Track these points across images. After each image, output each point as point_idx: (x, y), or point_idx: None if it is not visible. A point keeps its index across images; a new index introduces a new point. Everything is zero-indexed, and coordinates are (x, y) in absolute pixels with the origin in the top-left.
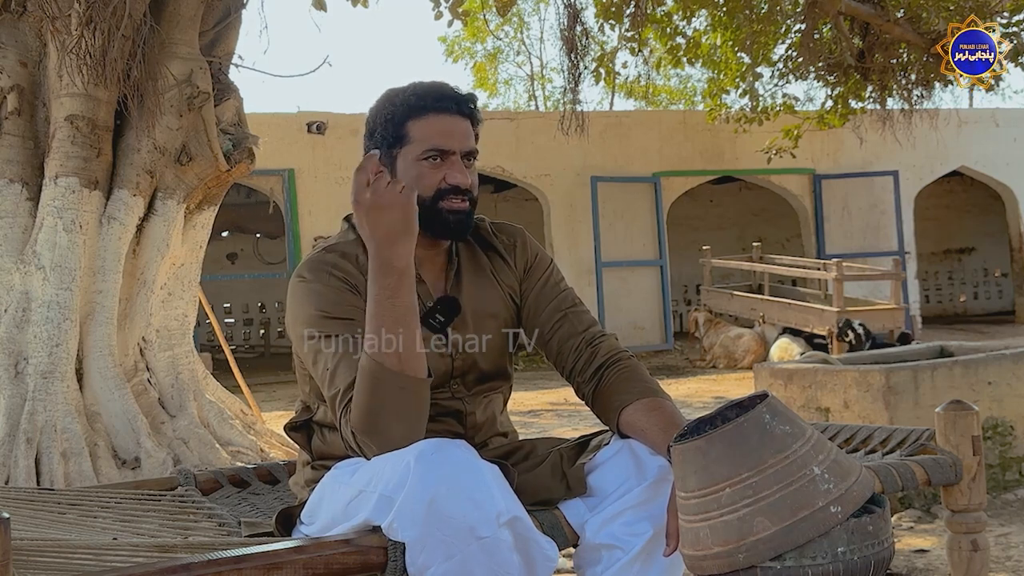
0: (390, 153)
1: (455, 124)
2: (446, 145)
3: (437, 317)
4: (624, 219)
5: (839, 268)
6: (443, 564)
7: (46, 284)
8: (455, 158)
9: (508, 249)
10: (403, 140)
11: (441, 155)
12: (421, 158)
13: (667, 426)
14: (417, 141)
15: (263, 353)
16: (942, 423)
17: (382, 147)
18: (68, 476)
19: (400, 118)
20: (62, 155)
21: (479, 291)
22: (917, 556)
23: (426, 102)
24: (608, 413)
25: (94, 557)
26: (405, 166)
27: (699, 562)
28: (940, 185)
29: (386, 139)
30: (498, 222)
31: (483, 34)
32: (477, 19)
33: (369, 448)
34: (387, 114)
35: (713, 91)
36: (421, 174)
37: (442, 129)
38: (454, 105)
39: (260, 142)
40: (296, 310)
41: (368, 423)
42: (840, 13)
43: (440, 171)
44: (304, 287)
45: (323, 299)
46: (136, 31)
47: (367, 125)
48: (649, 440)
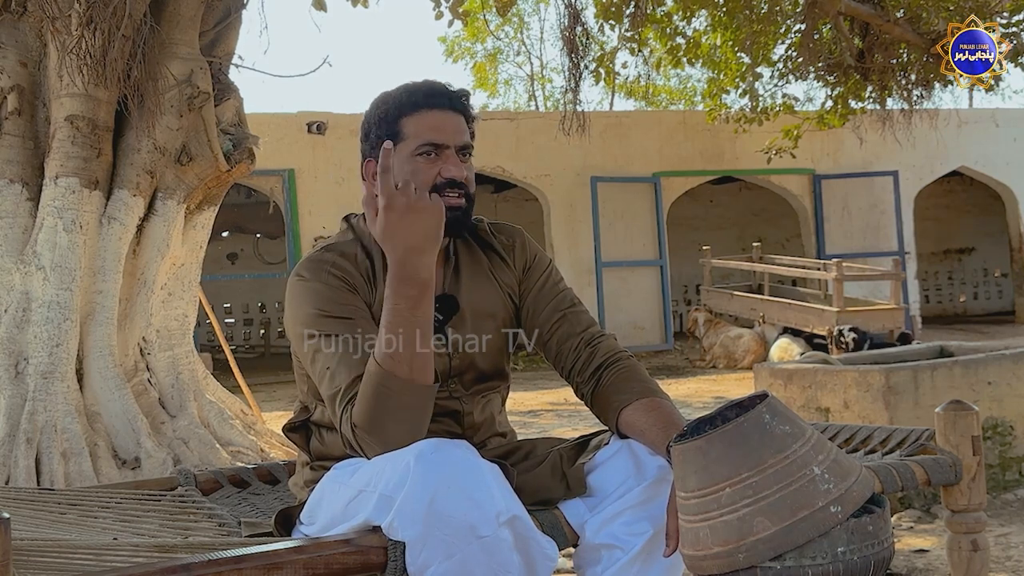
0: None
1: (448, 119)
2: (440, 139)
3: (436, 315)
4: (624, 219)
5: (839, 268)
6: (443, 563)
7: (46, 284)
8: (449, 152)
9: (507, 249)
10: (397, 137)
11: (435, 149)
12: (416, 154)
13: (666, 425)
14: (411, 137)
15: (263, 353)
16: (942, 423)
17: (376, 146)
18: (68, 476)
19: (393, 116)
20: (62, 155)
21: (477, 290)
22: (917, 556)
23: (417, 98)
24: (607, 413)
25: (94, 557)
26: (400, 163)
27: (699, 562)
28: (940, 185)
29: (380, 138)
30: (497, 222)
31: (483, 34)
32: (477, 19)
33: (370, 448)
34: (380, 114)
35: (713, 91)
36: (416, 170)
37: (435, 124)
38: (446, 100)
39: (260, 142)
40: (295, 309)
41: (372, 425)
42: (840, 13)
43: (435, 166)
44: (303, 286)
45: (322, 298)
46: (136, 31)
47: (362, 128)
48: (648, 440)
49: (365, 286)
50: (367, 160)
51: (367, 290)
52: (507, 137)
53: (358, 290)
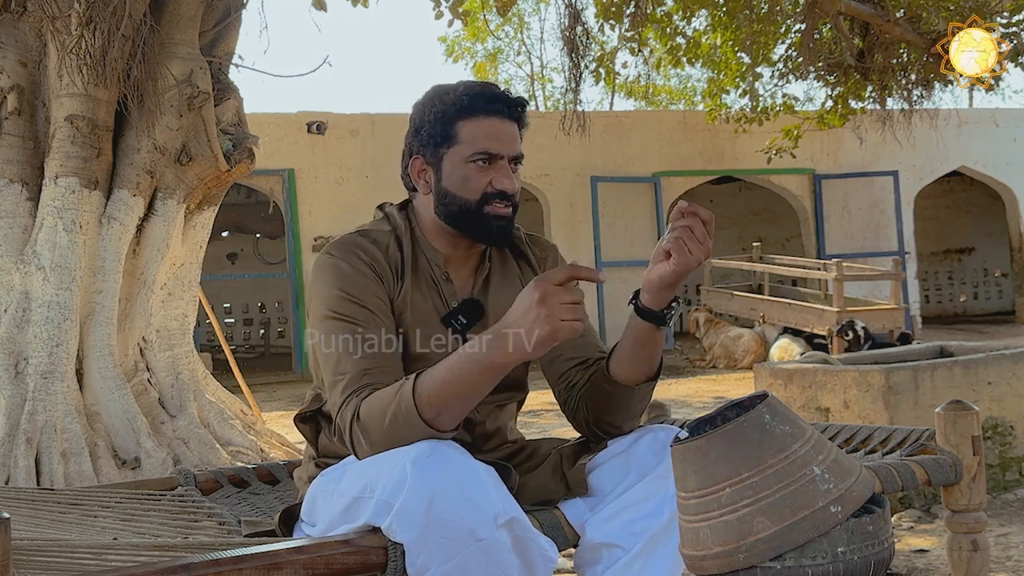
0: (436, 152)
1: (505, 127)
2: (495, 148)
3: (460, 318)
4: (624, 219)
5: (839, 268)
6: (443, 565)
7: (46, 284)
8: (503, 162)
9: (540, 262)
10: (452, 140)
11: (489, 158)
12: (469, 160)
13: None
14: (466, 142)
15: (263, 353)
16: (942, 423)
17: (428, 145)
18: (68, 476)
19: (450, 117)
20: (62, 155)
21: (506, 298)
22: (917, 556)
23: (478, 103)
24: (590, 392)
25: (94, 557)
26: (452, 166)
27: (699, 562)
28: (940, 185)
29: (433, 137)
30: (533, 234)
31: (483, 34)
32: (477, 19)
33: (362, 449)
34: (436, 112)
35: (713, 91)
36: (468, 176)
37: (492, 132)
38: (505, 108)
39: (260, 142)
40: (319, 286)
41: (378, 440)
42: (840, 13)
43: (487, 175)
44: (331, 263)
45: (347, 279)
46: (136, 31)
47: (412, 121)
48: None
49: (392, 277)
50: (414, 156)
51: (393, 282)
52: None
53: (384, 280)
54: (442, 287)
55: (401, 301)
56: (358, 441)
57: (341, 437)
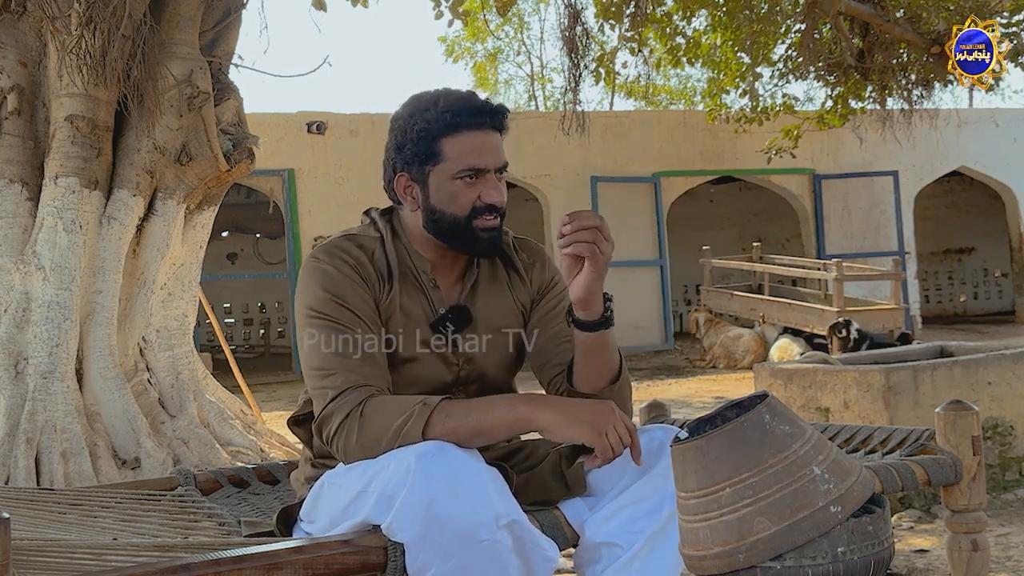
0: (422, 170)
1: (489, 140)
2: (481, 163)
3: (447, 325)
4: (624, 219)
5: (839, 268)
6: (442, 566)
7: (46, 284)
8: (490, 175)
9: (527, 267)
10: (437, 157)
11: (476, 173)
12: (456, 176)
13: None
14: (452, 159)
15: (263, 353)
16: (942, 423)
17: (412, 163)
18: (68, 476)
19: (434, 134)
20: (62, 155)
21: (493, 304)
22: (917, 556)
23: (460, 118)
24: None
25: (94, 557)
26: (439, 183)
27: (699, 562)
28: (940, 185)
29: (417, 156)
30: (521, 238)
31: (483, 34)
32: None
33: (350, 440)
34: (419, 130)
35: (713, 91)
36: (456, 192)
37: (477, 146)
38: (487, 119)
39: (260, 142)
40: (305, 289)
41: (369, 441)
42: (840, 13)
43: (475, 189)
44: (317, 266)
45: (333, 282)
46: (136, 31)
47: (394, 137)
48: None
49: (378, 282)
50: (399, 174)
51: (379, 286)
52: (507, 137)
53: (369, 283)
54: (430, 293)
55: (388, 305)
56: (350, 431)
57: (320, 428)
